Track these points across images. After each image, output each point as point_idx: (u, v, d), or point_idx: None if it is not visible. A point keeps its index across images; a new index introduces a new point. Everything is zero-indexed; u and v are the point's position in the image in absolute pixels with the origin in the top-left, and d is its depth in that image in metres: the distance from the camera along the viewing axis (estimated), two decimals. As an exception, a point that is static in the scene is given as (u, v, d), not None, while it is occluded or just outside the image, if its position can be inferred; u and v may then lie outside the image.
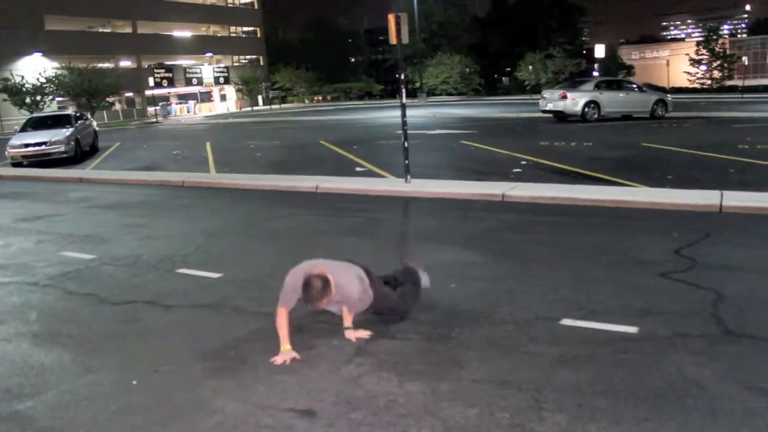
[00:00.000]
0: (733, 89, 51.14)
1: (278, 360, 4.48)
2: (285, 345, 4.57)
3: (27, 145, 19.15)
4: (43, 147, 19.06)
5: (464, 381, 4.06)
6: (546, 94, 26.16)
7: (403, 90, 11.64)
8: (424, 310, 5.36)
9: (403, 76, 11.93)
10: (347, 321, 4.87)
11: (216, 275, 6.68)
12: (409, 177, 11.48)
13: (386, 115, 35.33)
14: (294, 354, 4.52)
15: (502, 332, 4.82)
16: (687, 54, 62.41)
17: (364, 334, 4.85)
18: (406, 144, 11.55)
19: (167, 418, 3.83)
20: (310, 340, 4.88)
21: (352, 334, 4.80)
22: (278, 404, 3.90)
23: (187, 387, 4.22)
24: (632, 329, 4.74)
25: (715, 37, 63.35)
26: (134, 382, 4.33)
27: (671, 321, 4.87)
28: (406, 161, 11.49)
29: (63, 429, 3.78)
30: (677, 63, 62.61)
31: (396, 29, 10.99)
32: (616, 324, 4.84)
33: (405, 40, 11.17)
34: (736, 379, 3.92)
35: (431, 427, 3.54)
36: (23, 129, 20.88)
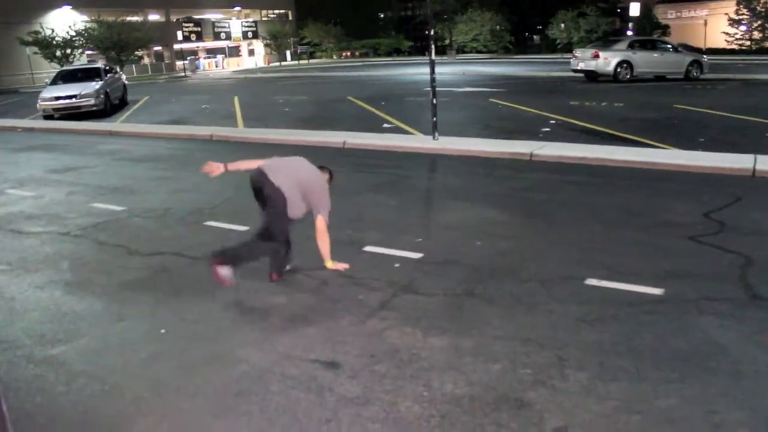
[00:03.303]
0: (772, 51, 49.62)
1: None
2: None
3: (57, 98, 19.30)
4: (74, 100, 19.20)
5: (488, 337, 4.09)
6: (578, 53, 25.62)
7: (432, 46, 11.49)
8: (449, 266, 5.38)
9: (432, 33, 11.76)
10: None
11: (244, 228, 6.74)
12: (436, 134, 11.41)
13: (414, 71, 34.97)
14: None
15: (526, 290, 4.83)
16: (726, 13, 60.51)
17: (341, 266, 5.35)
18: (434, 101, 11.45)
19: (195, 366, 3.92)
20: (334, 293, 4.94)
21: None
22: (303, 355, 3.96)
23: (213, 337, 4.31)
24: (658, 291, 4.72)
25: (757, -5, 61.22)
26: (163, 331, 4.43)
27: (698, 284, 4.84)
28: (434, 118, 11.40)
29: (95, 373, 3.89)
30: (715, 23, 60.67)
31: (426, -16, 10.80)
32: (642, 285, 4.82)
33: (435, -6, 10.98)
34: (762, 344, 3.90)
35: (454, 381, 3.58)
36: (54, 82, 21.04)
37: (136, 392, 3.67)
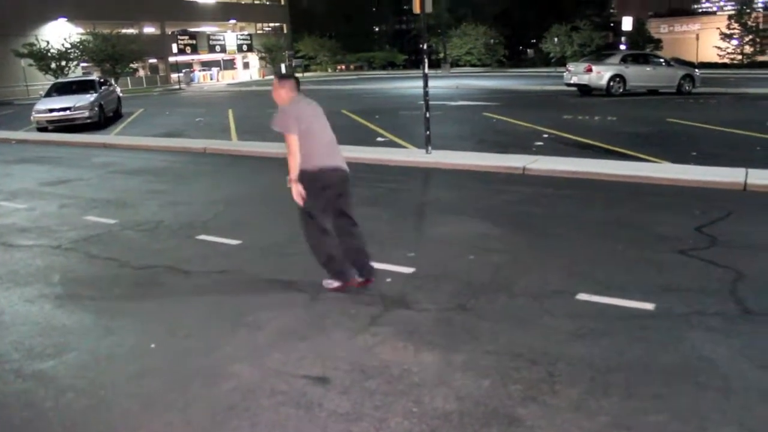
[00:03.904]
0: (764, 65, 49.92)
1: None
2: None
3: (52, 110, 19.30)
4: (68, 112, 19.21)
5: (478, 352, 4.08)
6: (571, 67, 25.73)
7: (426, 60, 11.53)
8: (441, 280, 5.38)
9: (426, 47, 11.80)
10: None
11: (235, 242, 6.74)
12: (430, 148, 11.44)
13: (409, 85, 35.07)
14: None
15: (517, 305, 4.83)
16: (718, 28, 61.01)
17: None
18: (427, 115, 11.49)
19: (184, 381, 3.90)
20: (326, 308, 4.93)
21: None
22: (293, 371, 3.95)
23: (204, 351, 4.29)
24: (649, 305, 4.72)
25: (748, 10, 61.76)
26: (152, 346, 4.41)
27: (689, 298, 4.85)
28: (428, 132, 11.43)
29: (83, 388, 3.87)
30: (707, 37, 61.14)
31: (420, -2, 10.86)
32: (633, 300, 4.82)
33: (428, 9, 11.04)
34: (752, 358, 3.91)
35: (444, 397, 3.57)
36: (48, 94, 21.05)
37: (124, 407, 3.65)
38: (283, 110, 5.11)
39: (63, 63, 45.40)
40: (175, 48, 56.22)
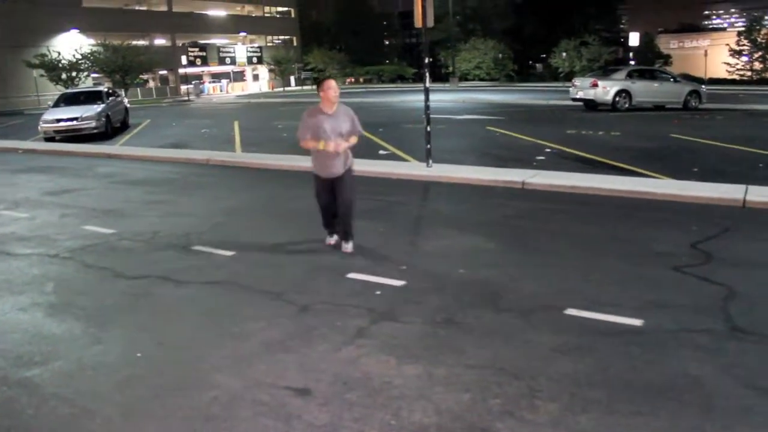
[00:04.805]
0: (773, 81, 49.86)
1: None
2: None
3: (59, 121, 19.46)
4: (75, 122, 19.36)
5: (461, 366, 4.08)
6: (577, 81, 25.76)
7: (427, 73, 11.58)
8: (430, 294, 5.38)
9: (432, 60, 11.82)
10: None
11: (230, 253, 6.76)
12: (431, 161, 11.45)
13: (416, 98, 35.08)
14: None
15: (505, 319, 4.83)
16: (727, 44, 60.92)
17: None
18: (428, 128, 11.52)
19: (167, 390, 3.92)
20: (313, 320, 4.93)
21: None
22: (276, 382, 3.95)
23: (189, 361, 4.31)
24: (637, 322, 4.71)
25: (758, 27, 61.63)
26: (138, 355, 4.43)
27: (678, 315, 4.83)
28: (428, 146, 11.45)
29: (67, 397, 3.88)
30: (717, 53, 61.06)
31: (422, 12, 10.91)
32: (622, 316, 4.80)
33: (430, 23, 11.09)
34: (736, 376, 3.88)
35: (423, 410, 3.57)
36: (56, 104, 21.24)
37: (105, 416, 3.66)
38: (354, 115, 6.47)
39: (74, 74, 45.79)
40: (185, 60, 56.57)
